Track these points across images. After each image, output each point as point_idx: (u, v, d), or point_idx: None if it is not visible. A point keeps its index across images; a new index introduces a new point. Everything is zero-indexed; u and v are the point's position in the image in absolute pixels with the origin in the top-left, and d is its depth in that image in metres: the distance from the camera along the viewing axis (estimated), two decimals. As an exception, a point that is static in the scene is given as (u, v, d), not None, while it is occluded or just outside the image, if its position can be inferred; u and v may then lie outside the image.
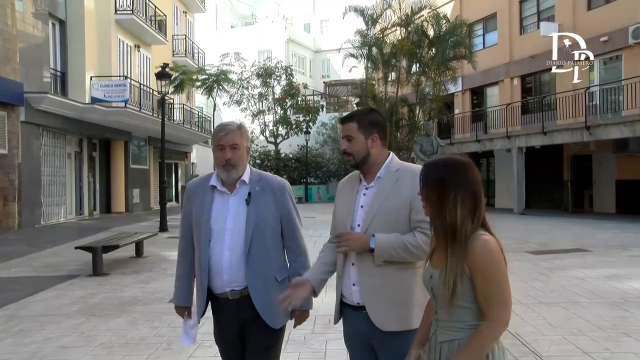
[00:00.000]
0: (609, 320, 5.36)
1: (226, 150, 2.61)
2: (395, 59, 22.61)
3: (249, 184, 2.68)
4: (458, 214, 1.88)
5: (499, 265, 1.86)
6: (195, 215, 2.70)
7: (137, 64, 23.00)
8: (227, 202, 2.67)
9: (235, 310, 2.67)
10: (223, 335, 2.77)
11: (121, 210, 21.76)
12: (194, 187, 2.80)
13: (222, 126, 2.69)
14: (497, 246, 1.88)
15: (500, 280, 1.87)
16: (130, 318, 5.88)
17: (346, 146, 2.51)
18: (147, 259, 10.23)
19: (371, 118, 2.53)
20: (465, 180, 1.91)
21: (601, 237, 12.22)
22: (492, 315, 1.87)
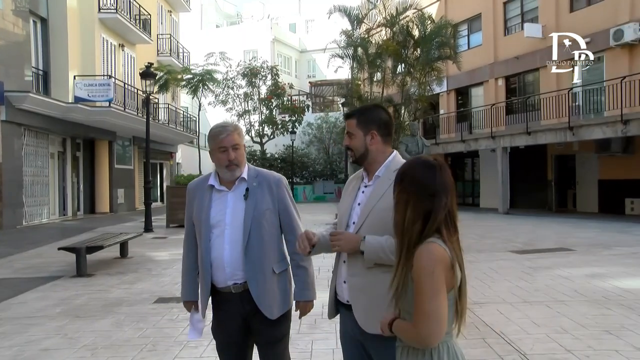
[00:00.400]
0: (591, 319, 5.42)
1: (229, 151, 2.69)
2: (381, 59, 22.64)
3: (247, 181, 2.76)
4: (407, 215, 1.83)
5: (427, 276, 1.74)
6: (195, 213, 2.79)
7: (122, 64, 22.83)
8: (226, 199, 2.75)
9: (239, 303, 2.72)
10: (225, 329, 2.78)
11: (105, 211, 21.59)
12: (194, 187, 2.87)
13: (221, 128, 2.75)
14: (437, 256, 1.77)
15: (424, 291, 1.74)
16: (115, 319, 5.82)
17: (347, 142, 2.54)
18: (132, 259, 10.15)
19: (372, 115, 2.53)
20: (425, 182, 1.84)
21: (584, 236, 12.35)
22: (415, 324, 1.79)
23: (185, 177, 18.11)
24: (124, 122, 20.71)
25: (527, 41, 21.73)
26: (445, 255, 1.78)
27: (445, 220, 1.83)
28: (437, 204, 1.82)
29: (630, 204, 18.34)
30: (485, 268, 8.59)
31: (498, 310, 5.91)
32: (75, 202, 20.21)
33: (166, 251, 11.21)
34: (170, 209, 16.83)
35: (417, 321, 1.77)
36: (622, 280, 7.28)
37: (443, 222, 1.83)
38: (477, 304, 6.18)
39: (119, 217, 19.85)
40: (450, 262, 1.79)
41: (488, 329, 5.18)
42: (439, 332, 1.76)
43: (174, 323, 5.63)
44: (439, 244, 1.79)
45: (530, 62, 22.06)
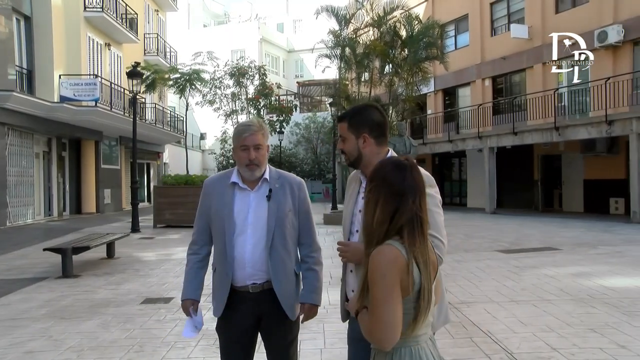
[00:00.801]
0: (577, 317, 5.48)
1: (250, 150, 2.68)
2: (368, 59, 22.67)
3: (269, 182, 2.75)
4: (376, 215, 1.82)
5: (379, 278, 1.72)
6: (215, 210, 2.75)
7: (108, 63, 22.66)
8: (248, 198, 2.73)
9: (254, 303, 2.70)
10: (236, 328, 2.76)
11: (92, 211, 21.42)
12: (212, 183, 2.85)
13: (245, 126, 2.75)
14: (390, 258, 1.74)
15: (376, 294, 1.73)
16: (102, 320, 5.78)
17: (341, 146, 2.53)
18: (119, 260, 10.09)
19: (362, 117, 2.50)
20: (394, 182, 1.83)
21: (570, 236, 12.47)
22: (370, 324, 1.78)
23: (172, 177, 18.04)
24: (111, 122, 20.56)
25: (514, 42, 21.90)
26: (400, 258, 1.74)
27: (411, 223, 1.80)
28: (403, 205, 1.80)
29: (614, 204, 18.54)
30: (472, 267, 8.64)
31: (485, 309, 5.94)
32: (61, 203, 20.03)
33: (153, 251, 11.15)
34: (157, 209, 16.75)
35: (370, 322, 1.76)
36: (606, 278, 7.36)
37: (407, 224, 1.80)
38: (464, 304, 6.21)
39: (106, 218, 19.71)
40: (407, 265, 1.74)
41: (475, 328, 5.21)
42: (389, 337, 1.74)
43: (161, 324, 5.60)
44: (395, 247, 1.76)
45: (516, 62, 22.25)
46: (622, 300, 6.14)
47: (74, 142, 21.14)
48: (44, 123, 17.65)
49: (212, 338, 5.05)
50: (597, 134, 16.62)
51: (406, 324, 1.78)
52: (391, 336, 1.74)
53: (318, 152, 37.32)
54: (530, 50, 21.36)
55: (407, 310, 1.77)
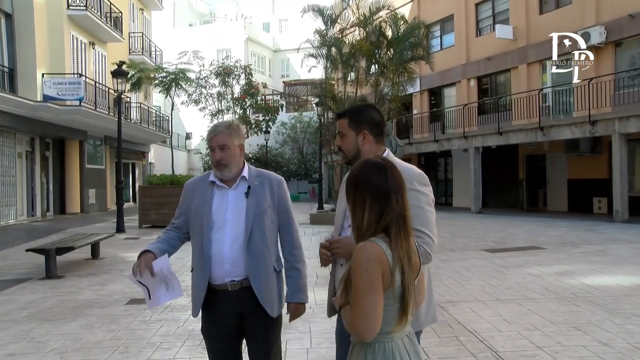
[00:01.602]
0: (560, 315, 5.54)
1: (216, 151, 2.71)
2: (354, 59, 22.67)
3: (248, 180, 2.77)
4: (365, 218, 1.86)
5: (361, 273, 1.78)
6: (195, 208, 2.76)
7: (92, 62, 22.45)
8: (227, 196, 2.75)
9: (234, 302, 2.68)
10: (219, 328, 2.74)
11: (76, 211, 21.22)
12: (193, 184, 2.88)
13: (213, 127, 2.80)
14: (373, 254, 1.79)
15: (358, 287, 1.78)
16: (86, 322, 5.72)
17: (339, 142, 2.56)
18: (103, 260, 10.01)
19: (363, 115, 2.55)
20: (378, 183, 1.87)
21: (553, 235, 12.59)
22: (351, 317, 1.82)
23: (158, 177, 17.94)
24: (95, 122, 20.38)
25: (499, 42, 22.06)
26: (381, 254, 1.80)
27: (396, 221, 1.85)
28: (389, 205, 1.85)
29: (597, 203, 18.74)
30: (458, 267, 8.69)
31: (470, 308, 5.98)
32: (45, 203, 19.80)
33: (138, 252, 10.95)
34: (142, 209, 16.65)
35: (352, 314, 1.81)
36: (589, 277, 7.44)
37: (393, 223, 1.85)
38: (449, 303, 6.24)
39: (90, 218, 19.54)
40: (388, 262, 1.80)
41: (461, 327, 5.24)
42: (370, 328, 1.78)
43: (146, 324, 5.56)
44: (377, 243, 1.81)
45: (501, 63, 22.41)
46: (604, 298, 6.21)
47: (58, 141, 20.92)
48: (26, 122, 17.44)
49: (198, 339, 5.03)
50: (581, 134, 16.82)
51: (387, 320, 1.83)
52: (371, 327, 1.78)
53: (304, 152, 37.31)
54: (515, 50, 21.53)
55: (388, 305, 1.82)
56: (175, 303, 6.49)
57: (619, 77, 17.09)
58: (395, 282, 1.81)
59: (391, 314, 1.84)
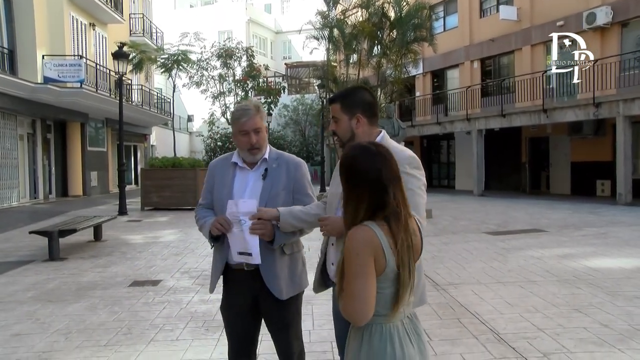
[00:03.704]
0: (562, 298, 5.56)
1: (251, 135, 2.72)
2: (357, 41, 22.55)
3: (268, 162, 2.81)
4: (357, 205, 1.86)
5: (353, 256, 1.78)
6: (216, 189, 2.84)
7: (93, 43, 22.30)
8: (247, 178, 2.80)
9: (250, 281, 2.73)
10: (234, 305, 2.80)
11: (78, 194, 21.26)
12: (216, 164, 2.94)
13: (242, 111, 2.76)
14: (365, 238, 1.79)
15: (350, 271, 1.79)
16: (89, 303, 5.76)
17: (333, 127, 2.57)
18: (106, 242, 10.05)
19: (355, 98, 2.55)
20: (368, 169, 1.85)
21: (556, 218, 12.60)
22: (344, 301, 1.83)
23: (159, 160, 17.92)
24: (96, 104, 20.31)
25: (502, 24, 21.85)
26: (374, 238, 1.79)
27: (393, 210, 1.84)
28: (388, 198, 1.84)
29: (600, 186, 18.72)
30: (460, 249, 8.71)
31: (472, 290, 6.00)
32: (47, 185, 19.82)
33: (141, 234, 11.12)
34: (144, 191, 16.68)
35: (345, 298, 1.82)
36: (591, 260, 7.46)
37: (390, 212, 1.84)
38: (451, 285, 6.27)
39: (93, 200, 19.59)
40: (381, 245, 1.79)
41: (462, 309, 5.27)
42: (361, 312, 1.79)
43: (149, 306, 5.60)
44: (370, 227, 1.81)
45: (505, 44, 22.22)
46: (605, 280, 6.23)
47: (59, 124, 20.88)
48: (27, 104, 17.39)
49: (201, 320, 5.08)
50: (585, 117, 16.71)
51: (382, 303, 1.83)
52: (363, 311, 1.79)
53: (306, 134, 37.24)
54: (519, 32, 21.33)
55: (381, 289, 1.82)
56: (178, 285, 6.55)
57: (624, 58, 16.92)
58: (388, 265, 1.80)
59: (387, 298, 1.84)
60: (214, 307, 5.50)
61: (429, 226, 11.62)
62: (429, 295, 5.72)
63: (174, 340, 4.58)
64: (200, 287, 6.40)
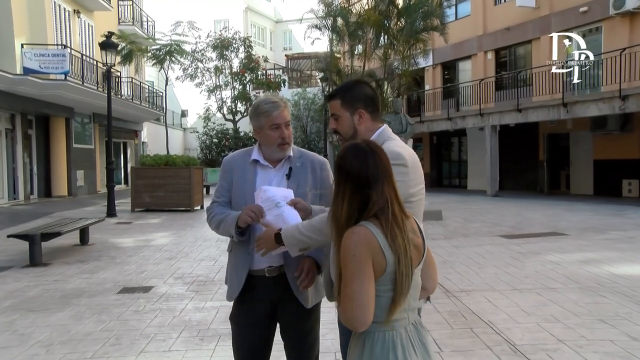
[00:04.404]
0: (584, 307, 5.52)
1: (282, 128, 2.70)
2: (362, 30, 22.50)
3: (292, 160, 2.79)
4: (344, 207, 1.88)
5: (349, 258, 1.81)
6: (236, 188, 2.78)
7: (78, 32, 22.29)
8: (269, 177, 2.77)
9: (271, 288, 2.71)
10: (250, 315, 2.74)
11: (63, 194, 21.27)
12: (232, 160, 2.86)
13: (271, 104, 2.72)
14: (361, 238, 1.82)
15: (346, 274, 1.81)
16: (74, 312, 5.74)
17: (334, 125, 2.58)
18: (93, 246, 10.03)
19: (356, 92, 2.55)
20: (358, 170, 1.88)
21: (577, 220, 12.55)
22: (341, 306, 1.85)
23: (151, 158, 17.92)
24: (83, 98, 20.30)
25: (519, 11, 21.79)
26: (371, 238, 1.81)
27: (385, 209, 1.86)
28: (374, 195, 1.86)
29: (627, 185, 18.63)
30: (472, 253, 8.68)
31: (485, 297, 5.97)
32: (28, 185, 19.81)
33: (131, 237, 11.10)
34: (135, 192, 16.66)
35: (342, 303, 1.83)
36: (616, 266, 7.42)
37: (381, 211, 1.86)
38: (463, 292, 6.24)
39: (79, 201, 19.58)
40: (380, 246, 1.81)
41: (475, 318, 5.23)
42: (361, 316, 1.80)
43: (139, 315, 5.58)
44: (367, 227, 1.83)
45: (521, 33, 22.15)
46: (633, 289, 6.18)
47: (42, 119, 20.86)
48: (5, 97, 17.30)
49: (195, 329, 5.06)
50: (609, 111, 16.56)
51: (381, 307, 1.84)
52: (361, 316, 1.80)
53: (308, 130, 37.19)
54: (537, 20, 21.26)
55: (381, 292, 1.83)
56: (171, 291, 6.53)
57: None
58: (387, 266, 1.82)
59: (388, 302, 1.85)
60: (209, 315, 5.49)
61: (438, 228, 11.66)
62: (439, 302, 5.70)
63: (166, 351, 4.56)
64: (194, 294, 6.39)
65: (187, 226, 12.95)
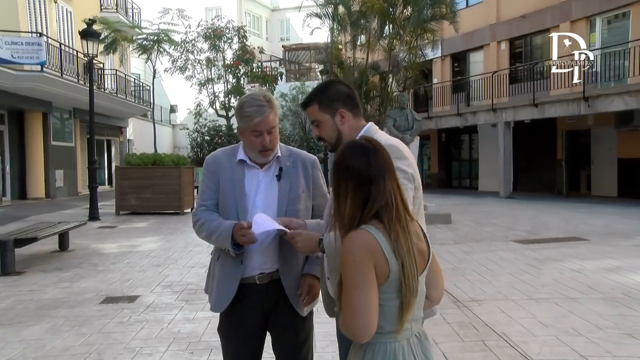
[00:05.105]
0: (609, 319, 5.48)
1: (264, 135, 2.67)
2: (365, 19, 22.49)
3: (281, 160, 2.80)
4: (347, 208, 1.90)
5: (349, 264, 1.82)
6: (224, 189, 2.76)
7: (55, 19, 22.19)
8: (257, 178, 2.77)
9: (263, 296, 2.71)
10: (241, 325, 2.74)
11: (40, 196, 21.23)
12: (217, 159, 2.84)
13: (255, 108, 2.66)
14: (362, 243, 1.83)
15: (346, 281, 1.83)
16: (51, 325, 5.70)
17: (317, 132, 2.61)
18: (73, 253, 9.99)
19: (332, 92, 2.58)
20: (359, 169, 1.90)
21: (599, 224, 12.53)
22: (342, 316, 1.86)
23: (138, 157, 17.88)
24: (62, 91, 20.24)
25: (536, -4, 21.77)
26: (373, 243, 1.83)
27: (388, 207, 1.88)
28: (374, 192, 1.88)
29: (656, 187, 18.56)
30: (483, 260, 8.68)
31: (499, 307, 5.95)
32: (0, 186, 19.76)
33: (115, 242, 11.09)
34: (120, 193, 16.64)
35: (343, 312, 1.85)
36: (643, 274, 7.39)
37: (384, 210, 1.88)
38: (474, 301, 6.22)
39: (58, 204, 19.57)
40: (382, 251, 1.82)
41: (488, 330, 5.21)
42: (362, 328, 1.81)
43: (124, 327, 5.55)
44: (368, 231, 1.85)
45: (539, 21, 22.11)
46: (663, 299, 6.15)
47: (16, 113, 20.78)
48: (-26, 90, 17.27)
49: (185, 342, 5.04)
50: (636, 105, 16.45)
51: (387, 317, 1.86)
52: (364, 327, 1.81)
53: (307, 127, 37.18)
54: (556, 6, 21.22)
55: (384, 300, 1.84)
56: (158, 301, 6.50)
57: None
58: (391, 273, 1.83)
59: (392, 311, 1.86)
60: (200, 326, 5.46)
61: (447, 233, 11.64)
62: (448, 313, 5.68)
63: (150, 366, 4.53)
64: (184, 304, 6.36)
65: (177, 230, 12.93)
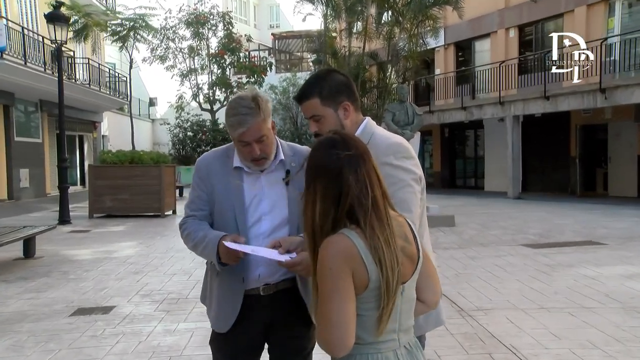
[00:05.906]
0: (628, 331, 5.48)
1: (253, 146, 2.60)
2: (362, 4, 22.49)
3: (285, 161, 2.75)
4: (317, 209, 1.87)
5: (325, 272, 1.80)
6: (221, 199, 2.71)
7: (16, 1, 22.05)
8: (259, 183, 2.72)
9: (267, 308, 2.69)
10: (241, 339, 2.71)
11: (2, 198, 21.09)
12: (209, 164, 2.79)
13: (239, 117, 2.57)
14: (338, 249, 1.80)
15: (322, 290, 1.82)
16: (13, 341, 5.62)
17: (316, 128, 2.53)
18: (41, 260, 9.94)
19: (334, 82, 2.53)
20: (328, 162, 1.87)
21: (617, 227, 12.57)
22: (317, 328, 1.86)
23: (114, 154, 17.82)
24: (25, 81, 20.03)
25: (547, -20, 21.83)
26: (351, 248, 1.80)
27: (361, 202, 1.84)
28: (345, 184, 1.84)
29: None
30: (490, 265, 8.69)
31: (507, 317, 5.96)
32: (-43, 187, 19.64)
33: (89, 248, 11.05)
34: (94, 194, 16.60)
35: (318, 324, 1.84)
36: (666, 281, 7.41)
37: (357, 205, 1.84)
38: (480, 310, 6.23)
39: (23, 206, 19.46)
40: (361, 257, 1.80)
41: (495, 342, 5.21)
42: (340, 339, 1.79)
43: (97, 340, 5.51)
44: (346, 235, 1.82)
45: (551, 6, 22.14)
46: (686, 309, 6.17)
47: (-27, 106, 20.66)
48: None
49: (165, 356, 5.02)
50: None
51: (365, 328, 1.84)
52: (340, 338, 1.79)
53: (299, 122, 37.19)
54: (570, -11, 21.25)
55: (363, 310, 1.82)
56: (136, 312, 6.47)
57: None
58: (372, 283, 1.80)
59: (373, 321, 1.84)
60: (182, 338, 5.44)
61: (451, 236, 11.66)
62: (452, 323, 5.67)
63: (125, 383, 4.51)
64: (164, 314, 6.33)
65: (157, 234, 12.90)
